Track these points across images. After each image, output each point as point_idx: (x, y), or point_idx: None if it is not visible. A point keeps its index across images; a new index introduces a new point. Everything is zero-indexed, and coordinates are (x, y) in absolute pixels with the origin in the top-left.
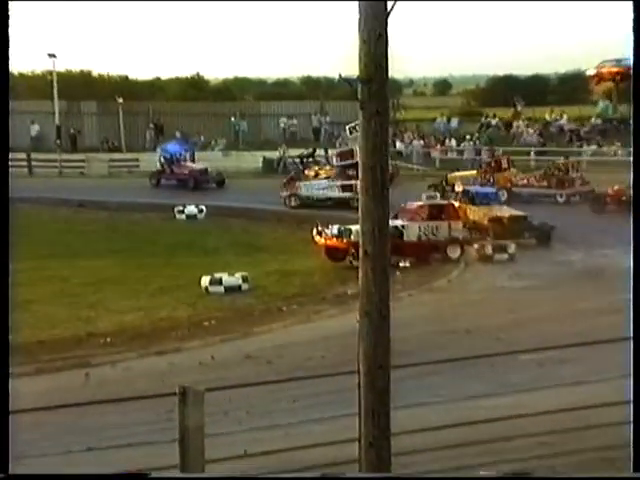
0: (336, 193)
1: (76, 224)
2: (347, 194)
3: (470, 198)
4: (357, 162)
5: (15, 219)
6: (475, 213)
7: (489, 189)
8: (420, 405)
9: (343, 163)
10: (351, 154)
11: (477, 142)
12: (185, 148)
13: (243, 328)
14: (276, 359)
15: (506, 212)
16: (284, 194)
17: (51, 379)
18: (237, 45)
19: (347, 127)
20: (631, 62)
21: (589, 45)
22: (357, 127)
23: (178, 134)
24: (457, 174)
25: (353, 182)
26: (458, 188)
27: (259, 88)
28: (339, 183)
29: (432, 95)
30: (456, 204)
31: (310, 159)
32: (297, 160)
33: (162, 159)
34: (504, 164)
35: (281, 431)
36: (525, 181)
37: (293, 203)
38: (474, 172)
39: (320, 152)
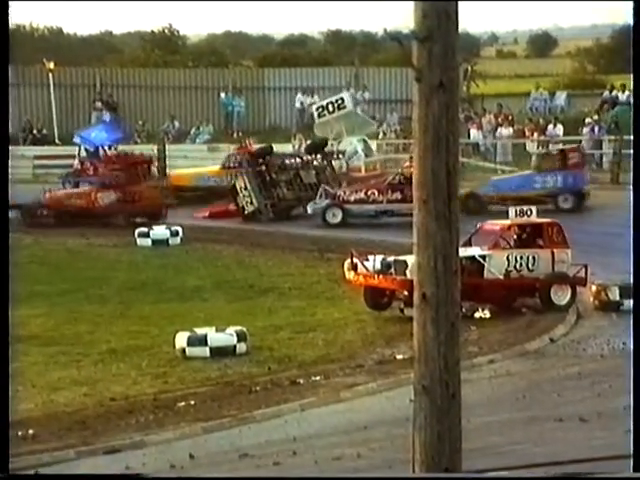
0: None
1: None
2: None
3: None
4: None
5: None
6: None
7: None
8: None
9: None
10: None
11: (596, 128)
12: (118, 137)
13: (238, 411)
14: (287, 459)
15: None
16: None
17: None
18: None
19: (314, 107)
20: None
21: None
22: (330, 106)
23: (107, 116)
24: None
25: None
26: None
27: (263, 49)
28: None
29: (527, 57)
30: None
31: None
32: None
33: (83, 153)
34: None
35: None
36: (361, 193)
37: None
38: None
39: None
